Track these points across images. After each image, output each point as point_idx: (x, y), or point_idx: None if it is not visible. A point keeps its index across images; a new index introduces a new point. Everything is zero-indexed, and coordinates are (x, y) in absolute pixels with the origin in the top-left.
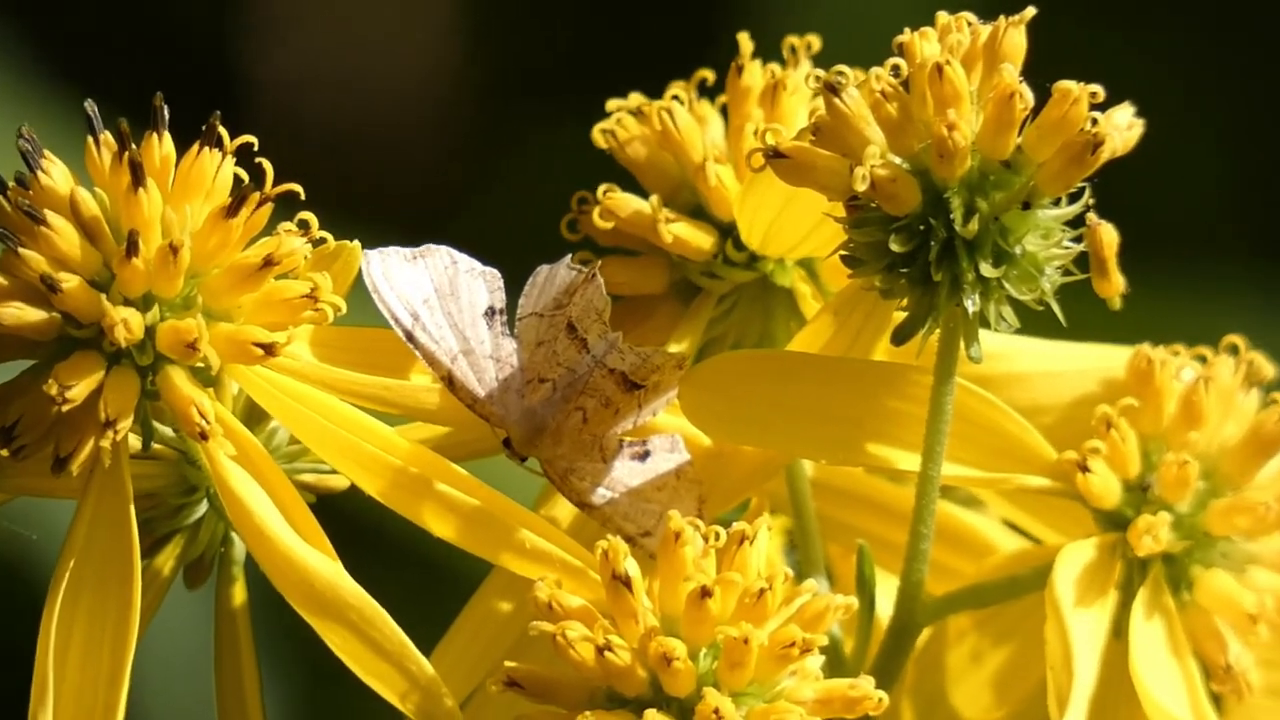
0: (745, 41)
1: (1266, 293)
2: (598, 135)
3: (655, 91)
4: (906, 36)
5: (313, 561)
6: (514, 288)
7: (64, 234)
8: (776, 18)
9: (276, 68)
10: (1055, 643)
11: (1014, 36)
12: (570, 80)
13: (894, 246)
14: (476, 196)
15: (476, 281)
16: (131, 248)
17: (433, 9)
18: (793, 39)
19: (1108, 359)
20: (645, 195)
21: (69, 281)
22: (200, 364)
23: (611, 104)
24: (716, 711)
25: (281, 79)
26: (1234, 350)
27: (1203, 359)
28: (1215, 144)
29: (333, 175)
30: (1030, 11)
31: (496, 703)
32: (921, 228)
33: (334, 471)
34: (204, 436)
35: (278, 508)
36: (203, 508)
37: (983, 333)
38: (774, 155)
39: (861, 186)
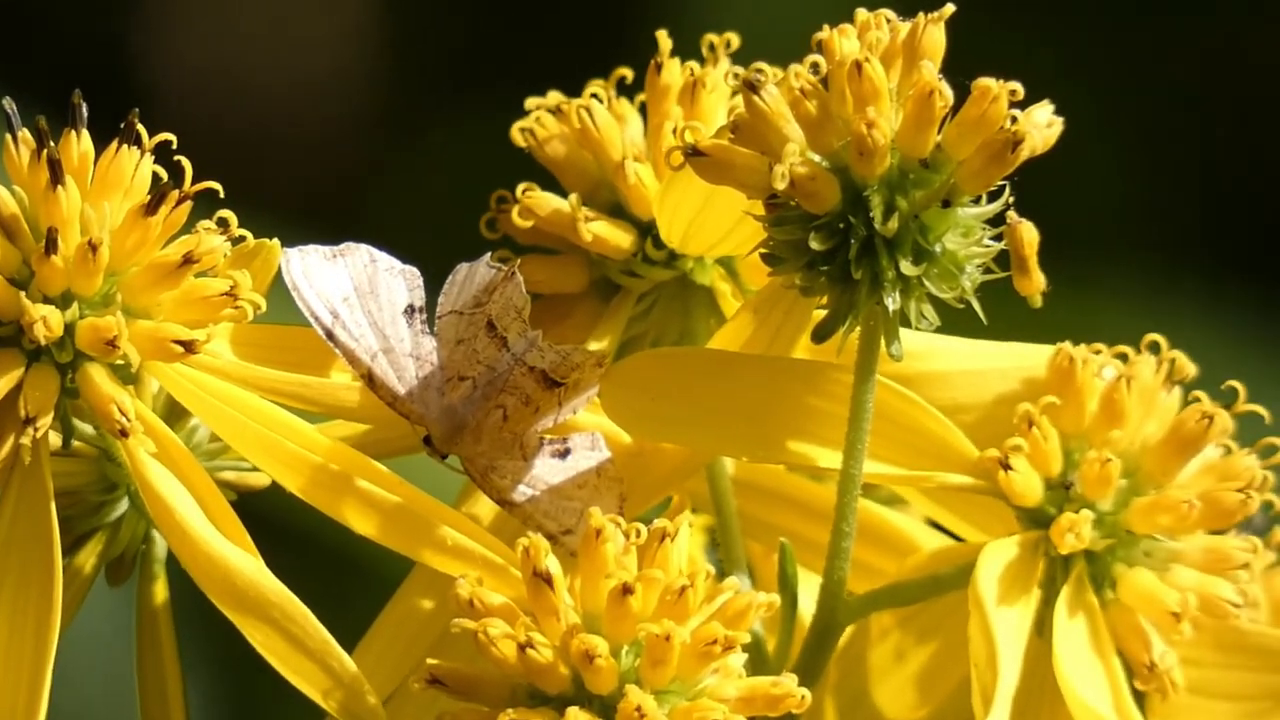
0: (664, 39)
1: (1173, 295)
2: (516, 134)
3: (570, 90)
4: (825, 34)
5: (234, 559)
6: (427, 285)
7: None
8: (690, 17)
9: (176, 67)
10: (979, 640)
11: (933, 34)
12: (479, 78)
13: (814, 245)
14: (385, 194)
15: (396, 280)
16: (50, 245)
17: (339, 6)
18: (712, 37)
19: (1028, 358)
20: (564, 194)
21: None
22: (120, 361)
23: (530, 102)
24: (639, 709)
25: (182, 78)
26: (1155, 349)
27: (1124, 358)
28: (1116, 147)
29: (238, 176)
30: (949, 8)
31: (419, 700)
32: (841, 226)
33: (254, 469)
34: (124, 434)
35: (199, 505)
36: (123, 505)
37: (903, 332)
38: (693, 153)
39: (781, 184)
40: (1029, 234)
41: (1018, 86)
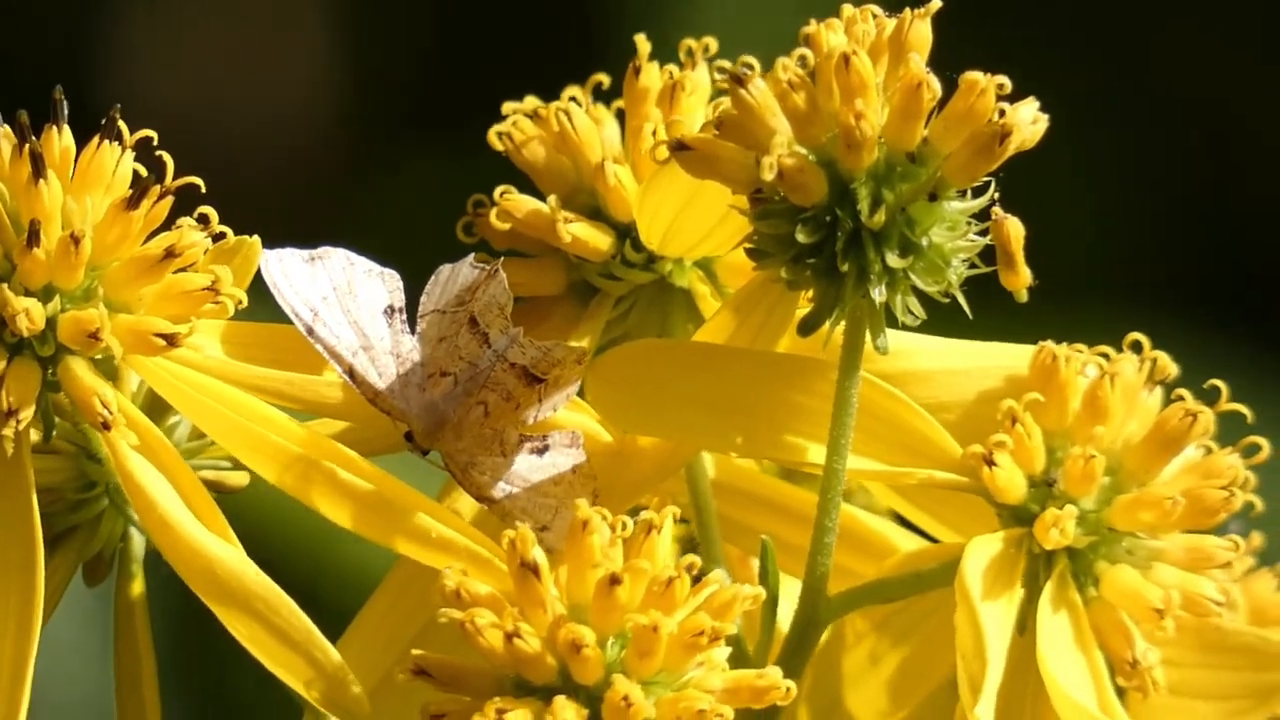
0: (643, 43)
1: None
2: (493, 137)
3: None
4: (813, 28)
5: (216, 550)
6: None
7: None
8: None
9: (141, 97)
10: (966, 630)
11: (920, 29)
12: (442, 114)
13: (800, 237)
14: (347, 229)
15: (374, 281)
16: (33, 237)
17: (302, 36)
18: (690, 41)
19: (1011, 357)
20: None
21: None
22: (102, 355)
23: (507, 106)
24: (625, 699)
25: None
26: (1137, 348)
27: (1105, 358)
28: (1087, 179)
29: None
30: (936, 3)
31: (401, 692)
32: (828, 219)
33: (233, 469)
34: (106, 426)
35: (180, 497)
36: (102, 503)
37: (886, 330)
38: (678, 147)
39: (769, 176)
40: (1015, 229)
41: (1005, 80)
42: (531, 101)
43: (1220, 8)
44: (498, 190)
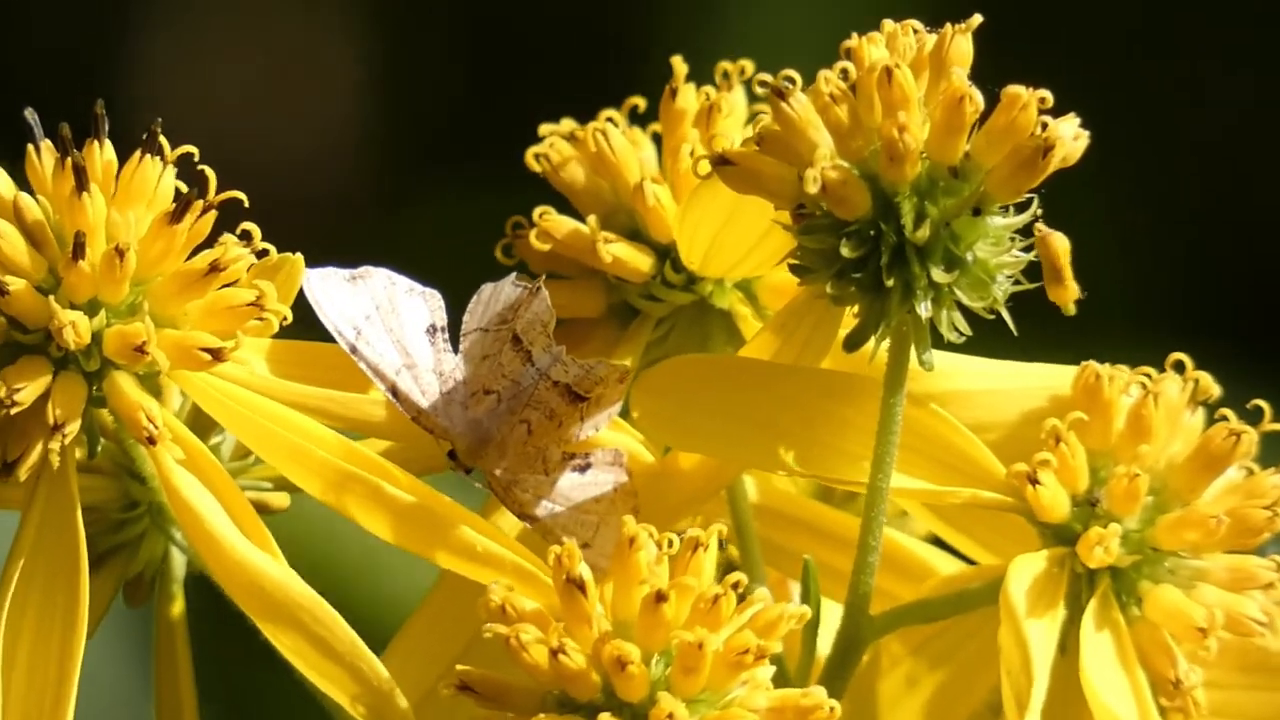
0: (679, 65)
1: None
2: (530, 158)
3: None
4: (854, 41)
5: (263, 564)
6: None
7: (9, 239)
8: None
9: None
10: (1012, 648)
11: (961, 44)
12: (475, 137)
13: (845, 252)
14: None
15: (416, 300)
16: (78, 250)
17: (335, 66)
18: (725, 64)
19: (1052, 377)
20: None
21: (15, 285)
22: (146, 370)
23: (544, 128)
24: (670, 716)
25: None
26: (1180, 368)
27: (1148, 377)
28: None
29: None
30: (976, 19)
31: (446, 706)
32: (872, 233)
33: (275, 490)
34: (151, 441)
35: (226, 512)
36: (144, 523)
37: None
38: (721, 162)
39: (813, 189)
40: (1061, 243)
41: (1047, 94)
42: (568, 124)
43: (1247, 35)
44: (537, 211)
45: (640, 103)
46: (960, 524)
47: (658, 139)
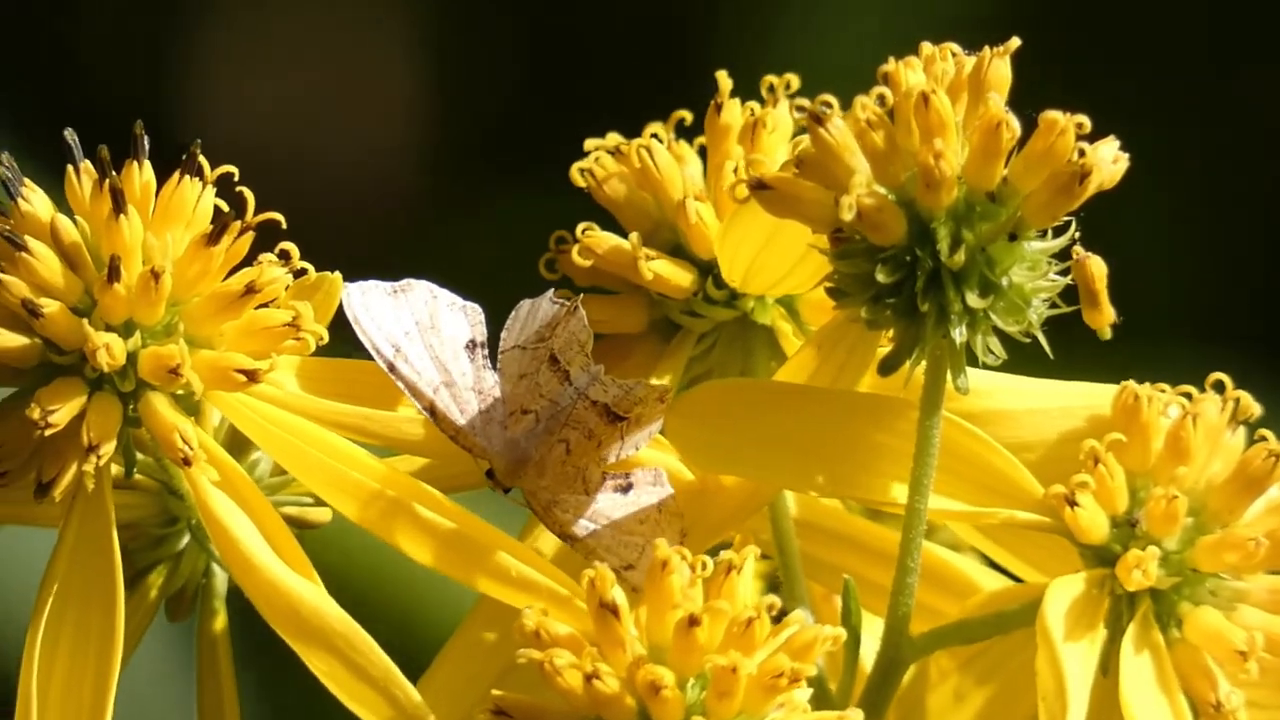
0: (724, 80)
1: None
2: (575, 174)
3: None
4: (891, 66)
5: (298, 587)
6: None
7: (45, 260)
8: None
9: (224, 136)
10: (1047, 673)
11: (999, 68)
12: (527, 154)
13: (880, 277)
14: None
15: (457, 315)
16: (113, 273)
17: (387, 75)
18: (771, 78)
19: (1093, 396)
20: (623, 236)
21: (50, 307)
22: (182, 390)
23: (589, 143)
24: None
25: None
26: (1220, 388)
27: (1188, 397)
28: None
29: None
30: (1015, 42)
31: None
32: (908, 258)
33: (315, 504)
34: (187, 462)
35: (261, 534)
36: (184, 539)
37: (968, 369)
38: (758, 186)
39: (848, 216)
40: (1098, 267)
41: (1085, 119)
42: (614, 138)
43: None
44: (580, 227)
45: (688, 116)
46: (1006, 541)
47: (704, 152)
